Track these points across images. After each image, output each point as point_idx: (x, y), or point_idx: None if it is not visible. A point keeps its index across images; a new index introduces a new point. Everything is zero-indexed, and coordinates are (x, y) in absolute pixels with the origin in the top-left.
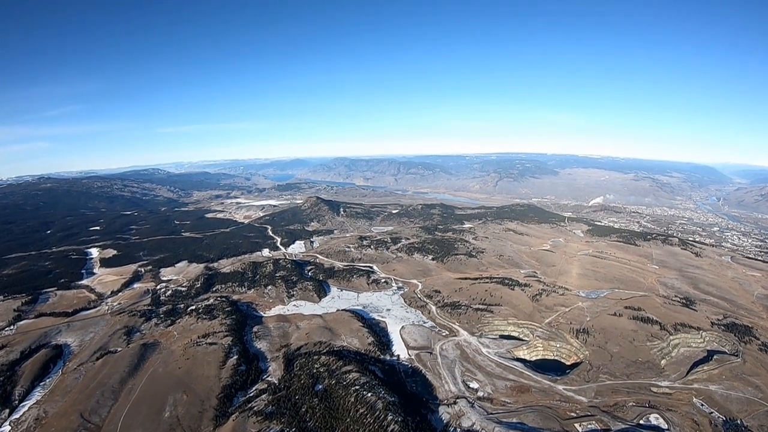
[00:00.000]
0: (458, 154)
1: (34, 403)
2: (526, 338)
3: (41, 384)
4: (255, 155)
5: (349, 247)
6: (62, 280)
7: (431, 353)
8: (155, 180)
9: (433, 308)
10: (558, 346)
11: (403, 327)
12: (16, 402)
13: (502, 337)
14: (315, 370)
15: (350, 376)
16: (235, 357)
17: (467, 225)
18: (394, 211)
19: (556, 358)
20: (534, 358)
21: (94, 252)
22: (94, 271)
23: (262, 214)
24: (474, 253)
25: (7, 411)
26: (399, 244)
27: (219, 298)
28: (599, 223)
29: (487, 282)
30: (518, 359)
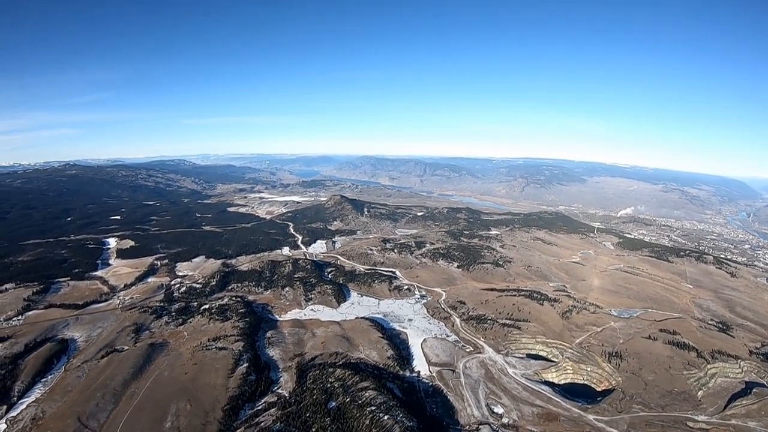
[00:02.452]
0: (485, 157)
1: (33, 401)
2: (555, 359)
3: (42, 380)
4: (281, 150)
5: (371, 250)
6: (76, 270)
7: (454, 371)
8: (180, 171)
9: (458, 321)
10: (589, 369)
11: (425, 340)
12: (15, 398)
13: (530, 356)
14: (329, 385)
15: (366, 394)
16: (245, 365)
17: (494, 231)
18: (419, 214)
19: (586, 382)
20: (563, 382)
21: (112, 242)
22: (110, 262)
23: (284, 211)
24: (501, 263)
25: (5, 407)
26: (423, 249)
27: (234, 298)
28: (629, 236)
29: (514, 295)
30: (546, 382)
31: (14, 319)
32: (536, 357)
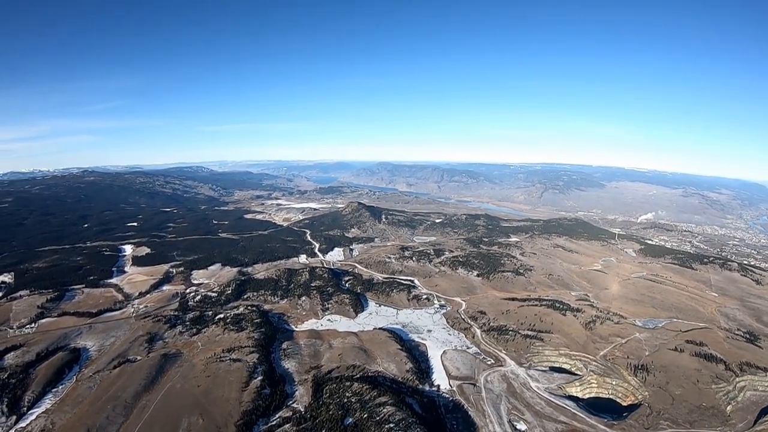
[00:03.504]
0: (502, 162)
1: (42, 412)
2: (578, 372)
3: (53, 390)
4: (299, 157)
5: (389, 258)
6: (91, 278)
7: (475, 385)
8: (198, 178)
9: (478, 332)
10: (614, 383)
11: (444, 352)
12: (25, 409)
13: (553, 369)
14: (346, 399)
15: (385, 410)
16: (260, 378)
17: (513, 239)
18: (437, 221)
19: (611, 397)
20: (587, 396)
21: (128, 249)
22: (125, 269)
23: (302, 217)
24: (522, 271)
25: (14, 418)
26: (442, 257)
27: (249, 307)
28: (651, 242)
29: (536, 304)
30: (570, 397)
31: (27, 326)
32: (559, 370)
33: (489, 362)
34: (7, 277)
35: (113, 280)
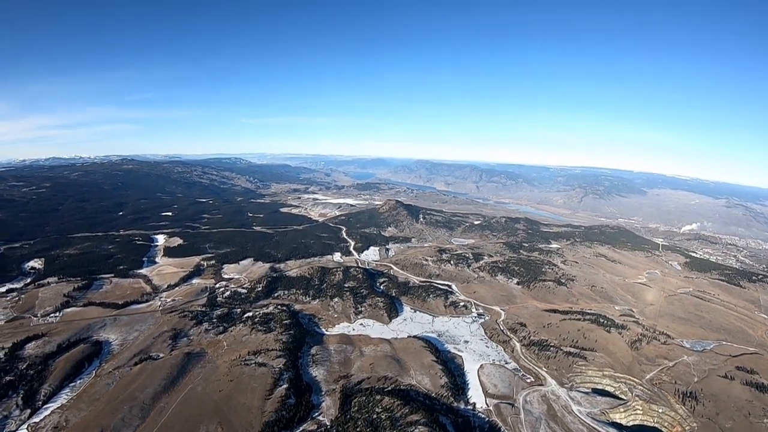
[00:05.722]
0: (542, 165)
1: (57, 407)
2: (623, 396)
3: (71, 385)
4: (337, 151)
5: (426, 260)
6: (121, 267)
7: (513, 405)
8: (236, 169)
9: (518, 345)
10: (660, 411)
11: (481, 366)
12: (40, 403)
13: (595, 391)
14: (375, 416)
15: (416, 431)
16: (285, 386)
17: (554, 245)
18: (475, 222)
19: (656, 425)
20: (631, 424)
21: (160, 239)
22: (156, 260)
23: (338, 213)
24: (563, 281)
25: (29, 412)
26: (481, 262)
27: (279, 307)
28: (695, 255)
29: (579, 319)
30: (613, 423)
31: (51, 315)
32: (602, 392)
33: (528, 380)
34: (37, 263)
35: (143, 271)
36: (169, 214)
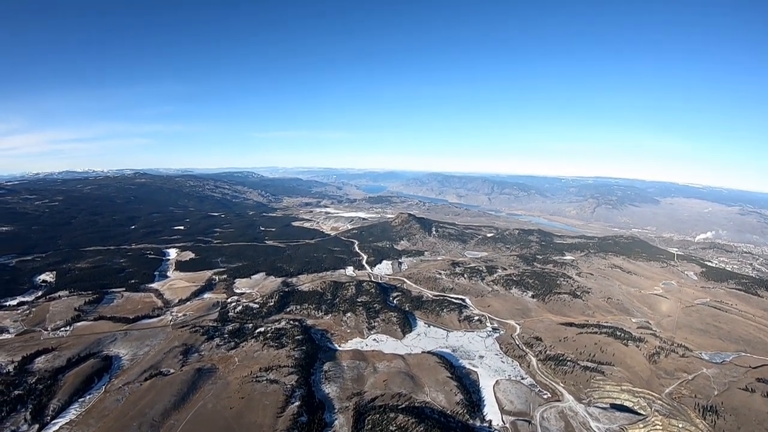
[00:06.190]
0: (554, 175)
1: (66, 423)
2: (642, 411)
3: (80, 400)
4: (348, 165)
5: (440, 274)
6: (132, 281)
7: (530, 422)
8: (247, 183)
9: (534, 360)
10: (681, 426)
11: (497, 382)
12: (49, 418)
13: (614, 406)
14: None
15: None
16: (297, 403)
17: (568, 257)
18: (488, 235)
19: None
20: None
21: (172, 253)
22: (168, 274)
23: (350, 227)
24: (579, 293)
25: (37, 427)
26: (495, 275)
27: (291, 322)
28: (711, 264)
29: (595, 332)
30: None
31: (62, 329)
32: (621, 408)
33: (545, 396)
34: (49, 276)
35: (154, 285)
36: (181, 227)
